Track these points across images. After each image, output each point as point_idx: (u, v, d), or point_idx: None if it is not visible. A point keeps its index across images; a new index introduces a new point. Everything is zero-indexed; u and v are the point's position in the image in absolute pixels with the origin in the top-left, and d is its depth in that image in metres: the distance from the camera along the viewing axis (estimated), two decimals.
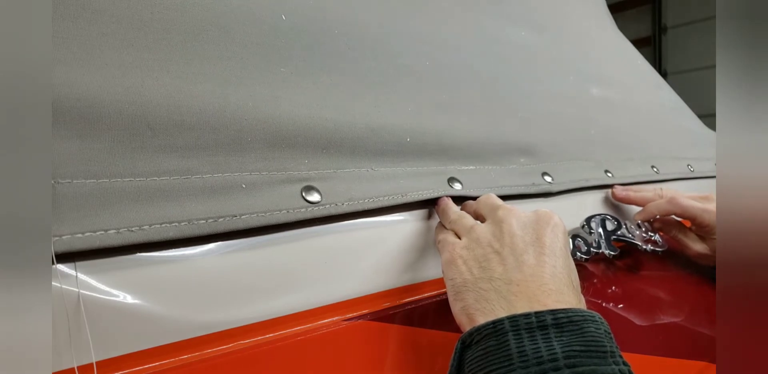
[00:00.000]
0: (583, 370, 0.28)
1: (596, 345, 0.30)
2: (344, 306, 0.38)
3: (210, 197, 0.34)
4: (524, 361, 0.29)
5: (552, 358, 0.28)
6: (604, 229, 0.57)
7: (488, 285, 0.34)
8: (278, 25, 0.43)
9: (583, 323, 0.31)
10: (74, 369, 0.27)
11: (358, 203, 0.40)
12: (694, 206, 0.59)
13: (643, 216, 0.63)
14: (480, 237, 0.38)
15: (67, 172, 0.29)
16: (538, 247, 0.36)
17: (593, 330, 0.30)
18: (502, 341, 0.30)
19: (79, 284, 0.28)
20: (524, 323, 0.30)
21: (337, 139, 0.42)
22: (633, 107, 0.91)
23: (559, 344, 0.29)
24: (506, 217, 0.38)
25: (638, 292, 0.58)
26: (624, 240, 0.58)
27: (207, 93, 0.36)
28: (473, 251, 0.37)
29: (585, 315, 0.31)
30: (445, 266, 0.38)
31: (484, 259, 0.36)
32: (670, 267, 0.65)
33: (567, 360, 0.28)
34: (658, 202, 0.62)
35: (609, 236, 0.57)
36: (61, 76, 0.30)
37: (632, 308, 0.55)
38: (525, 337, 0.30)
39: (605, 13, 1.13)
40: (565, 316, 0.31)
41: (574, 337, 0.30)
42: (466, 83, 0.58)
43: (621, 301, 0.55)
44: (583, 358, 0.29)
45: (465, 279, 0.36)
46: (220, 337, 0.32)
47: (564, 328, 0.30)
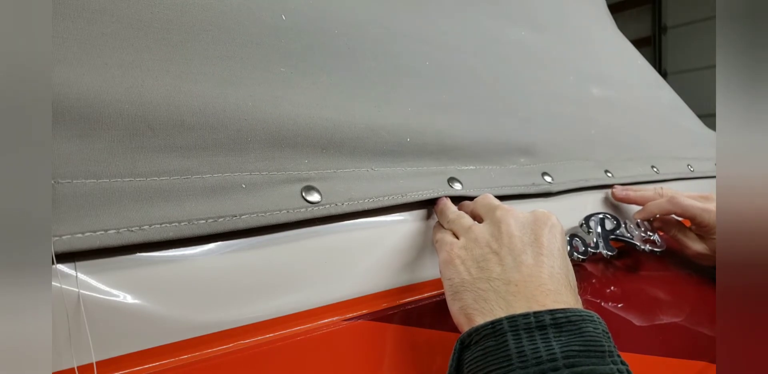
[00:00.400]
0: (581, 370, 0.28)
1: (594, 344, 0.30)
2: (344, 306, 0.38)
3: (210, 197, 0.34)
4: (523, 361, 0.29)
5: (551, 358, 0.28)
6: (602, 229, 0.57)
7: (486, 285, 0.34)
8: (278, 25, 0.43)
9: (581, 323, 0.31)
10: (74, 369, 0.27)
11: (358, 203, 0.40)
12: (694, 205, 0.59)
13: (643, 215, 0.63)
14: (478, 237, 0.38)
15: (67, 172, 0.29)
16: (537, 248, 0.36)
17: (591, 330, 0.30)
18: (501, 341, 0.30)
19: (79, 284, 0.28)
20: (523, 323, 0.31)
21: (337, 138, 0.42)
22: (633, 107, 0.91)
23: (557, 344, 0.29)
24: (504, 217, 0.38)
25: (638, 292, 0.58)
26: (622, 239, 0.58)
27: (207, 93, 0.36)
28: (471, 251, 0.37)
29: (583, 315, 0.31)
30: (443, 266, 0.38)
31: (483, 259, 0.36)
32: (670, 267, 0.65)
33: (566, 360, 0.28)
34: (659, 201, 0.62)
35: (607, 236, 0.57)
36: (61, 76, 0.30)
37: (632, 308, 0.55)
38: (524, 337, 0.30)
39: (605, 13, 1.13)
40: (564, 316, 0.31)
41: (573, 337, 0.30)
42: (466, 83, 0.58)
43: (621, 301, 0.55)
44: (581, 358, 0.29)
45: (463, 279, 0.36)
46: (220, 337, 0.32)
47: (563, 328, 0.30)
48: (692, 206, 0.59)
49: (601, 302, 0.53)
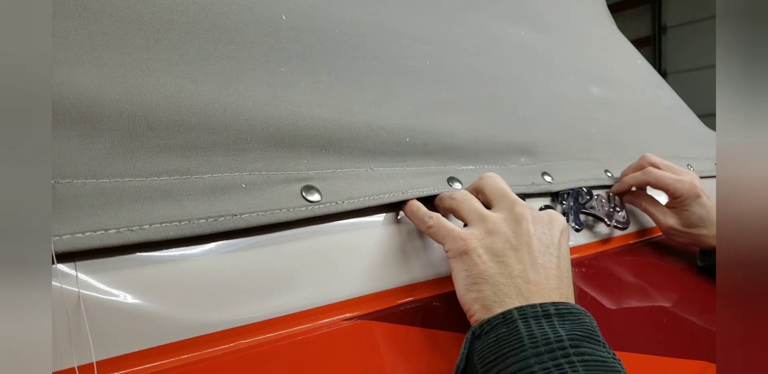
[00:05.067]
0: (585, 351, 0.31)
1: (592, 334, 0.33)
2: (344, 306, 0.38)
3: (210, 197, 0.34)
4: (534, 343, 0.31)
5: (558, 340, 0.31)
6: (575, 202, 0.58)
7: (507, 280, 0.36)
8: (278, 25, 0.43)
9: (580, 315, 0.34)
10: (74, 369, 0.27)
11: (358, 201, 0.40)
12: (666, 176, 0.60)
13: (619, 187, 0.64)
14: (497, 230, 0.38)
15: (67, 172, 0.29)
16: (554, 250, 0.38)
17: (588, 322, 0.34)
18: (512, 327, 0.33)
19: (79, 284, 0.28)
20: (531, 312, 0.33)
21: (337, 138, 0.42)
22: (633, 107, 0.91)
23: (563, 329, 0.32)
24: (525, 214, 0.39)
25: (638, 292, 0.58)
26: (591, 213, 0.60)
27: (207, 93, 0.36)
28: (491, 244, 0.37)
29: (580, 309, 0.35)
30: (458, 256, 0.38)
31: (502, 254, 0.37)
32: (670, 267, 0.65)
33: (571, 342, 0.31)
34: (634, 174, 0.63)
35: (579, 209, 0.58)
36: (61, 76, 0.30)
37: (632, 308, 0.55)
38: (533, 323, 0.32)
39: (605, 13, 1.13)
40: (565, 308, 0.34)
41: (575, 325, 0.33)
42: (466, 83, 0.58)
43: (621, 301, 0.55)
44: (584, 342, 0.32)
45: (482, 270, 0.36)
46: (220, 337, 0.32)
47: (565, 318, 0.33)
48: (665, 176, 0.60)
49: (601, 302, 0.53)
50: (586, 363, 0.30)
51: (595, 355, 0.31)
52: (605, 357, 0.31)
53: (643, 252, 0.63)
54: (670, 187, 0.60)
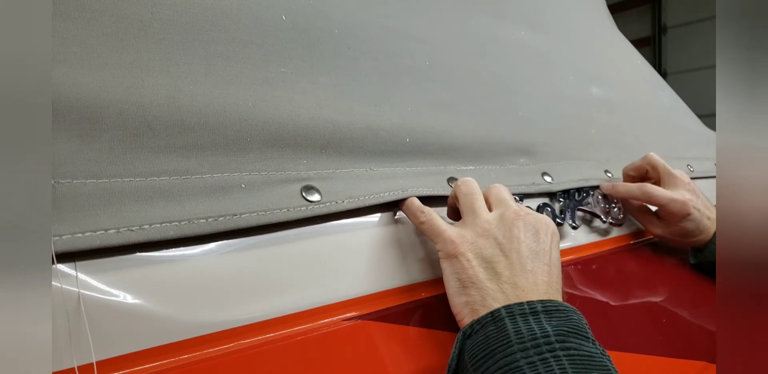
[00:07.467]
0: (571, 346, 0.31)
1: (580, 330, 0.33)
2: (344, 306, 0.38)
3: (210, 197, 0.34)
4: (520, 339, 0.32)
5: (545, 335, 0.32)
6: (572, 199, 0.59)
7: (496, 286, 0.36)
8: (278, 25, 0.43)
9: (568, 312, 0.34)
10: (74, 369, 0.27)
11: (358, 200, 0.40)
12: (663, 195, 0.59)
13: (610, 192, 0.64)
14: (488, 234, 0.38)
15: (67, 172, 0.29)
16: (543, 257, 0.38)
17: (576, 319, 0.34)
18: (500, 325, 0.33)
19: (79, 284, 0.28)
20: (518, 309, 0.34)
21: (336, 139, 0.42)
22: (633, 107, 0.91)
23: (549, 326, 0.33)
24: (516, 220, 0.39)
25: (637, 292, 0.58)
26: (588, 210, 0.60)
27: (207, 93, 0.36)
28: (481, 250, 0.38)
29: (569, 307, 0.35)
30: (448, 258, 0.38)
31: (492, 260, 0.37)
32: (669, 267, 0.65)
33: (557, 337, 0.32)
34: (629, 186, 0.62)
35: (575, 207, 0.58)
36: (61, 76, 0.30)
37: (631, 308, 0.55)
38: (520, 321, 0.33)
39: (605, 13, 1.13)
40: (553, 305, 0.34)
41: (562, 321, 0.33)
42: (466, 83, 0.58)
43: (620, 302, 0.55)
44: (571, 337, 0.32)
45: (471, 275, 0.37)
46: (220, 337, 0.32)
47: (552, 314, 0.34)
48: (660, 196, 0.60)
49: (600, 301, 0.53)
50: (572, 357, 0.31)
51: (582, 350, 0.31)
52: (592, 351, 0.32)
53: (642, 253, 0.63)
54: (662, 205, 0.60)
